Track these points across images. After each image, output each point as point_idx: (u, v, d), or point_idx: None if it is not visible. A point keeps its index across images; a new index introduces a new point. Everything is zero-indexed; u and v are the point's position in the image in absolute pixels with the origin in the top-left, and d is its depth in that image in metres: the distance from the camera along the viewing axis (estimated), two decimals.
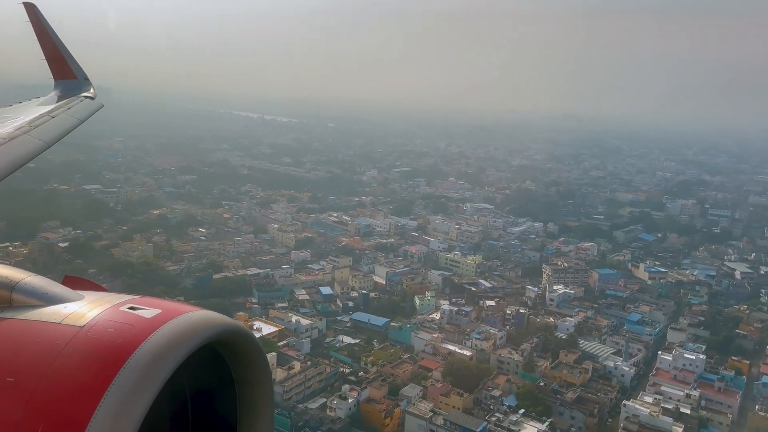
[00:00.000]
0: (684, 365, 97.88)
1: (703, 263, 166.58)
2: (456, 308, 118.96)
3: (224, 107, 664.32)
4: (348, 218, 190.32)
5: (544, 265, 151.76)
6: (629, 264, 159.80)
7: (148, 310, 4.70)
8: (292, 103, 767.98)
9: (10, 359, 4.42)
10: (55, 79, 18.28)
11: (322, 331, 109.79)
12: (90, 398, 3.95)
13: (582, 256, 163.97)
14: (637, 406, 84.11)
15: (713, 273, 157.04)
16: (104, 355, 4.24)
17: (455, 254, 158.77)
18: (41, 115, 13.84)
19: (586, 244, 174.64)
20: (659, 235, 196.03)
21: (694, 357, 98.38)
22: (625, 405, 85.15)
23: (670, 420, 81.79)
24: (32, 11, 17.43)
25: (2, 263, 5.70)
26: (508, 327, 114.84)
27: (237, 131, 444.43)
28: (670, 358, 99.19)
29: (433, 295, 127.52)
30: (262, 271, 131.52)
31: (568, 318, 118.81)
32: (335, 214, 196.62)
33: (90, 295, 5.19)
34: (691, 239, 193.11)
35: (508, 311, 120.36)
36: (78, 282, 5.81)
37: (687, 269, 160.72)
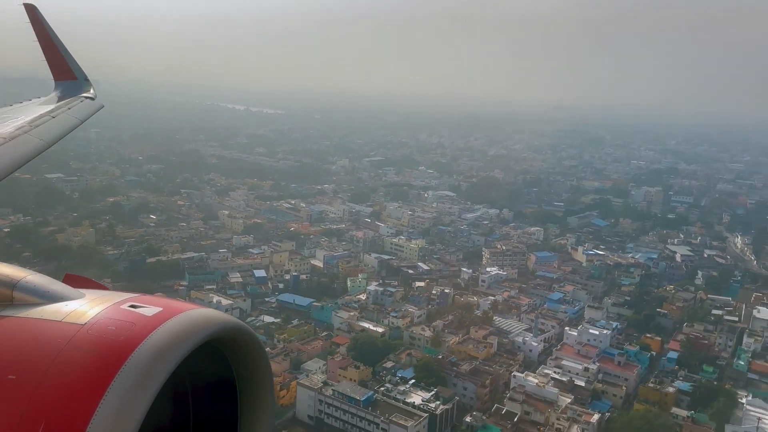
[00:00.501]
0: (588, 340, 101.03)
1: (647, 247, 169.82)
2: (382, 289, 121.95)
3: (213, 100, 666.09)
4: (304, 205, 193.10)
5: (483, 249, 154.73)
6: (570, 247, 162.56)
7: (149, 308, 4.75)
8: (284, 96, 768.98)
9: (11, 357, 4.46)
10: (55, 79, 18.52)
11: (246, 311, 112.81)
12: (91, 396, 3.99)
13: (525, 240, 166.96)
14: (527, 378, 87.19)
15: (654, 256, 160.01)
16: (106, 353, 4.29)
17: (400, 239, 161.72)
18: (42, 115, 14.03)
19: (533, 229, 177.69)
20: (612, 221, 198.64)
21: (597, 332, 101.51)
22: (515, 376, 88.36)
23: (556, 390, 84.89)
24: (33, 12, 17.61)
25: (4, 262, 5.79)
26: (430, 306, 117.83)
27: (219, 122, 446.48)
28: (576, 334, 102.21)
29: (366, 277, 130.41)
30: (196, 254, 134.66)
31: (491, 297, 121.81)
32: (293, 202, 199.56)
33: (91, 293, 5.26)
34: (644, 224, 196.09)
35: (434, 291, 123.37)
36: (79, 280, 5.89)
37: (630, 253, 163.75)
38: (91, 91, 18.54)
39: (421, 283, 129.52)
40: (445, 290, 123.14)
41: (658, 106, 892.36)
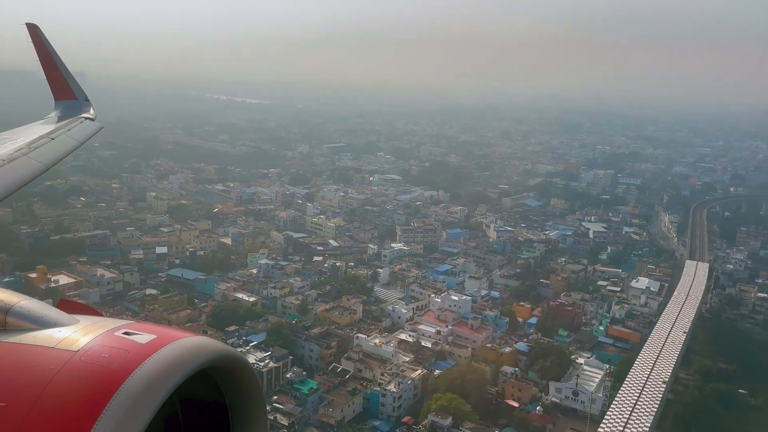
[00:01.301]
0: (449, 307, 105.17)
1: (566, 224, 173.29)
2: (273, 263, 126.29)
3: (203, 91, 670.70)
4: (239, 188, 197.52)
5: (397, 227, 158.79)
6: (484, 225, 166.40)
7: (143, 335, 4.73)
8: (276, 87, 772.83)
9: (2, 383, 4.41)
10: (55, 99, 18.63)
11: (133, 284, 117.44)
12: (83, 423, 3.97)
13: (445, 218, 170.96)
14: (369, 340, 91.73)
15: (569, 232, 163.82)
16: (98, 381, 4.26)
17: (320, 218, 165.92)
18: (41, 137, 14.10)
19: (457, 208, 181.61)
20: (544, 202, 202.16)
21: (457, 299, 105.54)
22: (357, 337, 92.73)
23: (391, 349, 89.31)
24: (35, 32, 17.65)
25: None
26: (322, 278, 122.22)
27: (196, 112, 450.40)
28: (439, 301, 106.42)
29: (265, 253, 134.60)
30: (101, 232, 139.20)
31: (379, 270, 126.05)
32: (231, 185, 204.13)
33: (85, 320, 5.21)
34: (574, 204, 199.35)
35: (326, 265, 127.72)
36: (73, 306, 5.86)
37: (548, 230, 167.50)
38: (91, 111, 18.72)
39: (319, 258, 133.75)
40: (336, 263, 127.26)
41: (656, 96, 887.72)
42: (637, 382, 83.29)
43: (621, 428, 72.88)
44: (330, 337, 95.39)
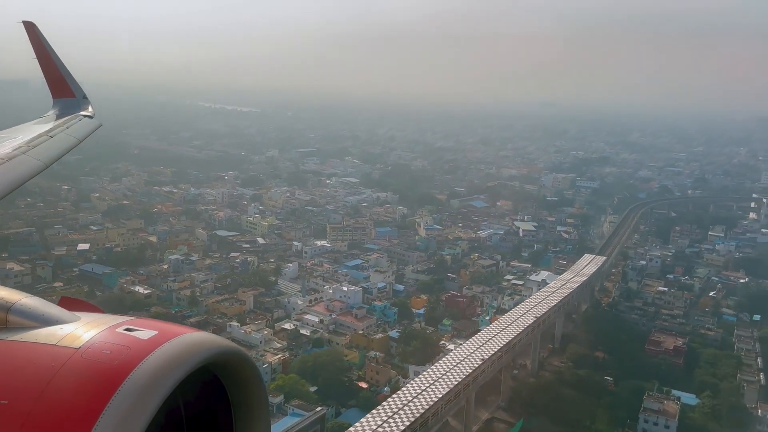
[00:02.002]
0: (340, 297, 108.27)
1: (500, 224, 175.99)
2: (183, 258, 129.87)
3: (198, 99, 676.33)
4: (190, 189, 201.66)
5: (328, 226, 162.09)
6: (416, 225, 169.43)
7: (145, 331, 4.75)
8: (273, 96, 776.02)
9: (4, 381, 4.44)
10: (54, 97, 18.61)
11: (44, 278, 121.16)
12: (85, 420, 3.99)
13: (380, 217, 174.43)
14: (239, 327, 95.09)
15: (501, 231, 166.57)
16: (100, 378, 4.28)
17: (255, 217, 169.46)
18: (39, 135, 14.11)
19: (397, 208, 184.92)
20: (491, 203, 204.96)
21: (347, 290, 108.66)
22: (230, 326, 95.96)
23: (260, 336, 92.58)
24: (32, 30, 17.67)
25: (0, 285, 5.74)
26: (231, 273, 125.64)
27: (181, 118, 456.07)
28: (331, 292, 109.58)
29: (184, 249, 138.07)
30: (26, 229, 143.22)
31: (289, 264, 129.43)
32: (183, 186, 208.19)
33: (86, 317, 5.23)
34: (518, 205, 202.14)
35: (237, 260, 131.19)
36: (74, 303, 5.92)
37: (482, 229, 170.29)
38: (90, 109, 18.61)
39: (236, 254, 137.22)
40: (248, 259, 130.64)
41: (657, 104, 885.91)
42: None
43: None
44: (207, 325, 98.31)
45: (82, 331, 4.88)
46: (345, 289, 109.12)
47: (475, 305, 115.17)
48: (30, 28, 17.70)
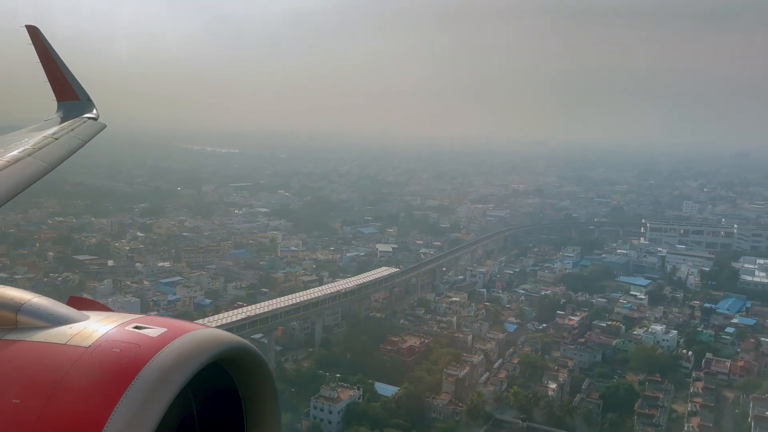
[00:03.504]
0: (122, 308, 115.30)
1: (365, 246, 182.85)
2: (7, 276, 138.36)
3: (179, 141, 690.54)
4: (94, 221, 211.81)
5: (183, 247, 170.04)
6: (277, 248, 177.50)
7: (154, 328, 4.81)
8: (271, 137, 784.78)
9: (16, 381, 4.52)
10: (58, 100, 18.75)
11: None
12: (97, 418, 4.05)
13: (256, 241, 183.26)
14: None
15: (362, 253, 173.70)
16: (110, 375, 4.35)
17: (122, 242, 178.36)
18: (45, 138, 14.41)
19: (273, 233, 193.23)
20: (380, 230, 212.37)
21: (130, 300, 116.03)
22: None
23: None
24: (35, 34, 17.91)
25: (7, 285, 5.89)
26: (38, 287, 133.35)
27: (147, 159, 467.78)
28: (110, 302, 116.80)
29: (25, 270, 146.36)
30: None
31: (106, 281, 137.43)
32: (84, 217, 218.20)
33: (95, 315, 5.30)
34: (409, 231, 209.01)
35: (59, 278, 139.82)
36: (83, 302, 5.98)
37: (348, 251, 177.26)
38: (94, 111, 18.73)
39: (68, 273, 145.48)
40: (69, 276, 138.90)
41: (653, 143, 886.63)
42: None
43: None
44: None
45: (91, 329, 4.92)
46: (128, 299, 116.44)
47: None
48: (33, 32, 17.87)
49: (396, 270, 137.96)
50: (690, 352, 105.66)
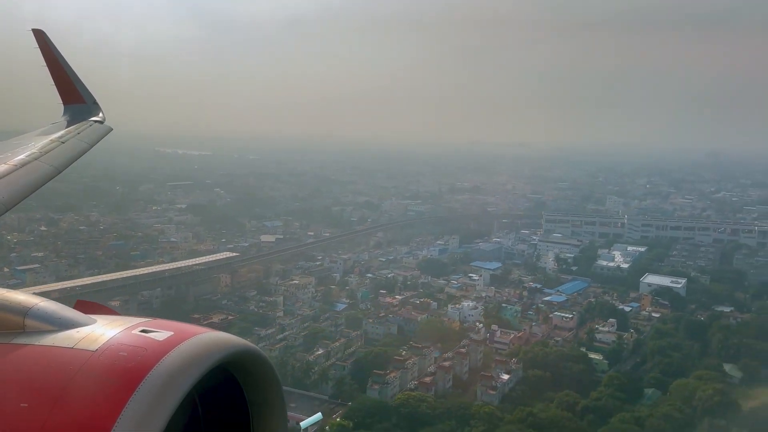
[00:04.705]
0: None
1: (253, 238, 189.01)
2: None
3: (154, 144, 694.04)
4: None
5: (67, 239, 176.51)
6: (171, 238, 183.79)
7: (161, 332, 4.86)
8: (255, 141, 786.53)
9: (24, 385, 4.59)
10: (64, 104, 18.90)
11: None
12: (104, 422, 4.09)
13: (138, 234, 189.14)
14: None
15: (246, 244, 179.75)
16: (117, 379, 4.40)
17: (14, 234, 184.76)
18: (51, 141, 14.54)
19: (168, 227, 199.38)
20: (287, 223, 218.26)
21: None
22: None
23: None
24: (41, 38, 18.12)
25: (15, 289, 5.94)
26: None
27: (109, 161, 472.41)
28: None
29: None
30: None
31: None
32: None
33: (102, 319, 5.36)
34: (313, 224, 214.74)
35: None
36: (90, 306, 6.00)
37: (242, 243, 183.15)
38: (100, 114, 18.95)
39: None
40: None
41: (637, 144, 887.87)
42: None
43: None
44: None
45: (98, 333, 4.97)
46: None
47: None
48: (39, 35, 18.05)
49: (236, 255, 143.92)
50: (482, 325, 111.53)
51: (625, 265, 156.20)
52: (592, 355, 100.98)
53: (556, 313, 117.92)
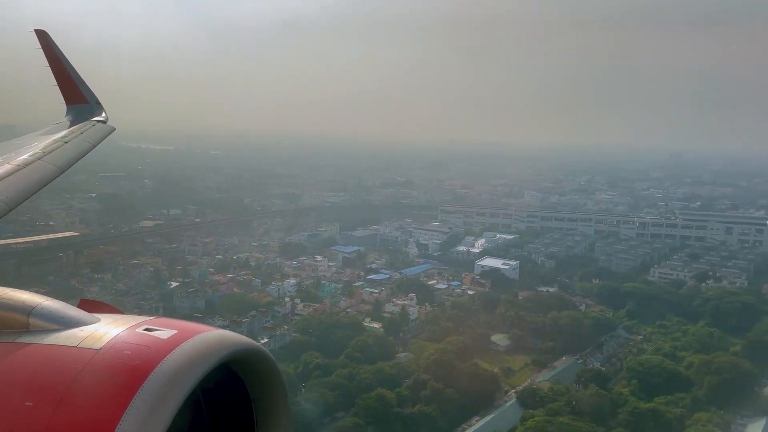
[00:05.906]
0: None
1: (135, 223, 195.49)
2: None
3: (122, 140, 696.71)
4: None
5: None
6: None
7: (164, 330, 4.89)
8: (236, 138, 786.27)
9: (28, 384, 4.63)
10: (67, 104, 19.16)
11: None
12: (108, 421, 4.13)
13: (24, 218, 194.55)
14: None
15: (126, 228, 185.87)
16: (121, 378, 4.43)
17: None
18: (54, 141, 14.71)
19: (58, 212, 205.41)
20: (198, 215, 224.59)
21: None
22: None
23: None
24: (44, 38, 18.40)
25: (19, 289, 5.93)
26: None
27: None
28: None
29: None
30: None
31: None
32: None
33: (106, 318, 5.38)
34: (211, 213, 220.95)
35: None
36: (94, 305, 6.05)
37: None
38: (103, 114, 19.13)
39: None
40: None
41: (640, 145, 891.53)
42: None
43: None
44: None
45: (102, 332, 5.00)
46: None
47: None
48: (42, 36, 18.31)
49: (76, 234, 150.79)
50: (289, 299, 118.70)
51: (477, 250, 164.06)
52: (375, 324, 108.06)
53: (365, 288, 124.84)
